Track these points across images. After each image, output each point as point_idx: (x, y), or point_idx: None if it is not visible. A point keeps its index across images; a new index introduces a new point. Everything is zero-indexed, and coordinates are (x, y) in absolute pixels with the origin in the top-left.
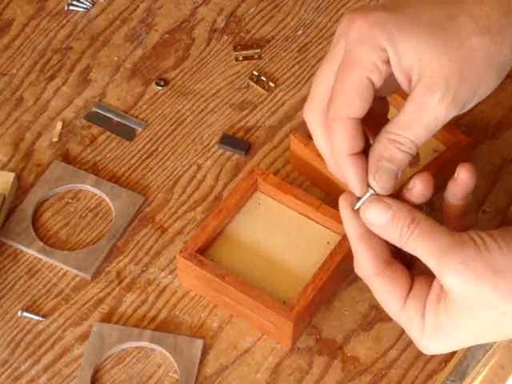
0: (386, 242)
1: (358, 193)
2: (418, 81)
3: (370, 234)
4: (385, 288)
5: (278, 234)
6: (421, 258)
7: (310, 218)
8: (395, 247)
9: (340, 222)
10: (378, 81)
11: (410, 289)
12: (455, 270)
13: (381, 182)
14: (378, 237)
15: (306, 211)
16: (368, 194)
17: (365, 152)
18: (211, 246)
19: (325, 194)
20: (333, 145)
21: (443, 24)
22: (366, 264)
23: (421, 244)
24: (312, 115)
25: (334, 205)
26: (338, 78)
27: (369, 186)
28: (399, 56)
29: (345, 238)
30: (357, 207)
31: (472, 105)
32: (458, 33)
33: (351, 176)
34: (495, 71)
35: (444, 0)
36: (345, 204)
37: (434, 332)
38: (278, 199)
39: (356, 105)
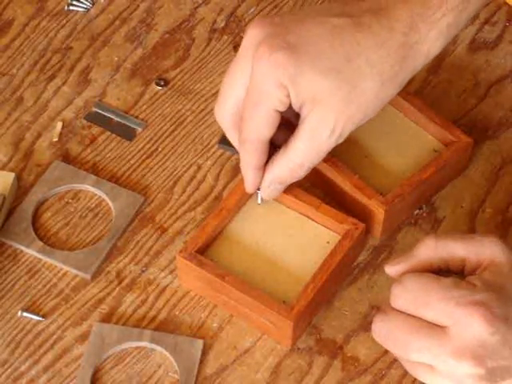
0: None
1: (250, 191)
2: (310, 112)
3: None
4: (422, 273)
5: (278, 233)
6: (456, 249)
7: (310, 218)
8: None
9: (340, 221)
10: (282, 109)
11: None
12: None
13: (270, 195)
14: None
15: (306, 211)
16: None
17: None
18: (211, 246)
19: (325, 193)
20: (241, 159)
21: (340, 67)
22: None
23: (454, 234)
24: (223, 119)
25: (334, 205)
26: (248, 107)
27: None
28: (297, 92)
29: (345, 237)
30: (259, 201)
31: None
32: (353, 76)
33: (250, 184)
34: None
35: (344, 40)
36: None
37: (487, 283)
38: (278, 199)
39: (264, 131)
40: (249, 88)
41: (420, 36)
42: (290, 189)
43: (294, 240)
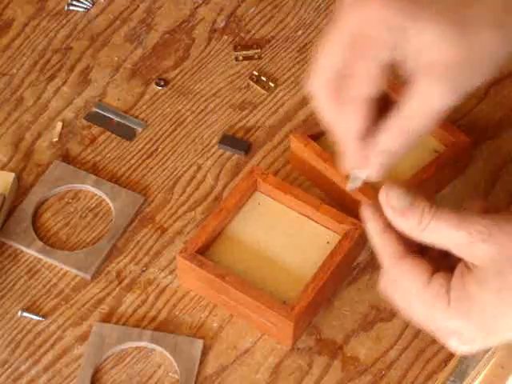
0: (403, 239)
1: (348, 167)
2: (423, 67)
3: (389, 229)
4: (407, 271)
5: (278, 234)
6: (441, 241)
7: (310, 218)
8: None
9: (340, 221)
10: (391, 59)
11: (433, 272)
12: (482, 234)
13: (378, 172)
14: (396, 232)
15: (306, 211)
16: (363, 174)
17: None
18: (211, 247)
19: (325, 193)
20: (341, 127)
21: (459, 11)
22: (387, 252)
23: (445, 222)
24: (319, 89)
25: (334, 205)
26: (356, 58)
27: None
28: (411, 39)
29: (345, 237)
30: (348, 188)
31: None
32: (473, 22)
33: (350, 157)
34: (494, 66)
35: None
36: (367, 205)
37: (460, 304)
38: (278, 199)
39: (371, 86)
40: (354, 38)
41: None
42: (290, 189)
43: (294, 240)
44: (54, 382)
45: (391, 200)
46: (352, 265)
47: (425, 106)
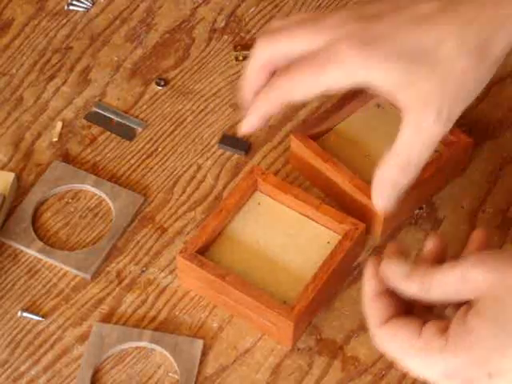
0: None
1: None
2: (409, 99)
3: (380, 295)
4: (395, 331)
5: (278, 233)
6: (447, 293)
7: (310, 218)
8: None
9: (340, 221)
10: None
11: (422, 325)
12: (474, 266)
13: (387, 205)
14: (387, 297)
15: (306, 211)
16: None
17: None
18: (211, 247)
19: (325, 193)
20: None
21: (432, 49)
22: (373, 317)
23: (442, 273)
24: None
25: (334, 205)
26: (308, 63)
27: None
28: (387, 79)
29: (345, 237)
30: None
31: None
32: (448, 57)
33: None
34: (481, 86)
35: (431, 21)
36: (371, 265)
37: (459, 339)
38: (278, 199)
39: (293, 93)
40: (320, 49)
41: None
42: (290, 189)
43: (294, 240)
44: (53, 382)
45: (392, 270)
46: (352, 265)
47: (416, 134)
